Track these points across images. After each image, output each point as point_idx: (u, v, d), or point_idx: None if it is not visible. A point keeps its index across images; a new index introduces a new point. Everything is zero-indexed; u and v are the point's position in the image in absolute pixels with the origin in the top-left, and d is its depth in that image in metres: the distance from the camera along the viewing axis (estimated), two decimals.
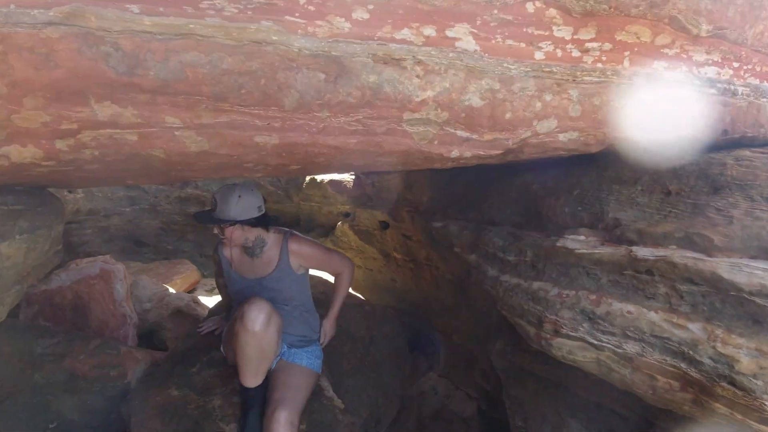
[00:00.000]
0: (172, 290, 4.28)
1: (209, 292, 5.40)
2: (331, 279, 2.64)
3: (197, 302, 4.16)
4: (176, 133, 1.20)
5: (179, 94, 1.13)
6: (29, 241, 1.60)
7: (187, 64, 1.10)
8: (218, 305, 3.10)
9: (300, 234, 2.27)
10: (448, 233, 2.86)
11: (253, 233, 2.08)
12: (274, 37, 1.16)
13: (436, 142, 1.57)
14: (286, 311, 2.13)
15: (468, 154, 1.68)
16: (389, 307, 3.90)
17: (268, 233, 2.15)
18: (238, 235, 2.04)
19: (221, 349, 2.28)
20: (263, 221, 2.09)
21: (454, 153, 1.64)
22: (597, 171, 2.12)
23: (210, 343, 2.47)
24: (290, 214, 5.87)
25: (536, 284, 1.97)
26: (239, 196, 1.96)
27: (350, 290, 2.78)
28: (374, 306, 3.63)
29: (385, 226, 4.28)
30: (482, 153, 1.70)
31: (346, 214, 5.15)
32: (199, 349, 2.45)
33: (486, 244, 2.43)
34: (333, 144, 1.38)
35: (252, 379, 1.94)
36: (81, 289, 3.52)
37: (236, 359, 1.93)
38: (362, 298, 4.11)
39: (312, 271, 2.42)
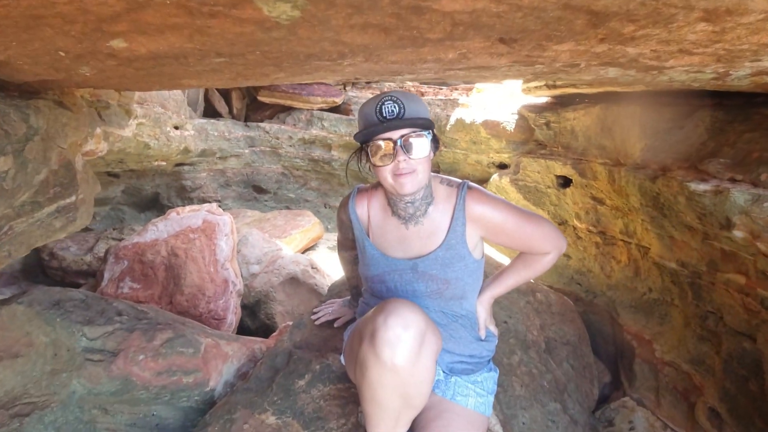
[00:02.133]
0: (287, 250, 3.51)
1: (332, 249, 4.59)
2: None
3: (315, 268, 3.35)
4: None
5: None
6: None
7: None
8: (342, 281, 2.26)
9: (481, 188, 1.34)
10: (723, 204, 1.68)
11: (427, 176, 1.25)
12: None
13: None
14: (450, 317, 1.36)
15: None
16: (565, 295, 2.88)
17: (439, 181, 1.34)
18: (424, 168, 1.21)
19: (342, 358, 1.52)
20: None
21: None
22: None
23: (327, 340, 1.78)
24: None
25: None
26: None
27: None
28: (548, 294, 2.59)
29: (564, 183, 3.05)
30: None
31: (501, 165, 3.99)
32: (312, 349, 1.76)
33: None
34: None
35: None
36: (178, 244, 2.86)
37: (362, 401, 1.18)
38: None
39: None
